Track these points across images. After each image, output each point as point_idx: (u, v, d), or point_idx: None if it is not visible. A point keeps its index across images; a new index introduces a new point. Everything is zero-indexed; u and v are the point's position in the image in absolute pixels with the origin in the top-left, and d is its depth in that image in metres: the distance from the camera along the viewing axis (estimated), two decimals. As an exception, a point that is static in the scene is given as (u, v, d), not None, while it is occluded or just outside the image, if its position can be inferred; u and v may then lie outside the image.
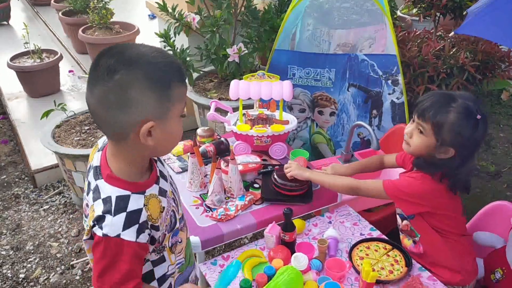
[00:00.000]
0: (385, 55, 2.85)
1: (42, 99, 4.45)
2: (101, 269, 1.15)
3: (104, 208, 1.12)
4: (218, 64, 3.36)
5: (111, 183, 1.16)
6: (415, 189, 1.70)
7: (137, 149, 1.15)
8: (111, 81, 1.05)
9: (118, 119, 1.08)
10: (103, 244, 1.12)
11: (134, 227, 1.13)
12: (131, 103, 1.07)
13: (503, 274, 1.87)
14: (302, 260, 1.70)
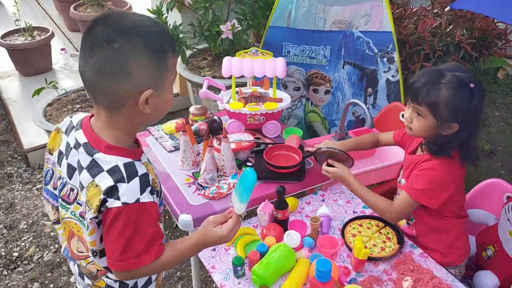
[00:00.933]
0: (381, 32, 2.82)
1: (34, 77, 4.40)
2: (125, 241, 1.13)
3: (114, 178, 1.10)
4: (211, 41, 3.31)
5: (112, 153, 1.14)
6: (441, 179, 1.66)
7: (133, 116, 1.15)
8: (109, 50, 1.05)
9: (117, 87, 1.08)
10: (124, 214, 1.10)
11: (149, 188, 1.14)
12: (131, 71, 1.07)
13: (494, 251, 1.88)
14: (295, 238, 1.70)
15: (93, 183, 1.12)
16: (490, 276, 1.84)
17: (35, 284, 2.53)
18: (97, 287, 1.33)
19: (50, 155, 1.30)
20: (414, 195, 1.68)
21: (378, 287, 1.59)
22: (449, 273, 1.66)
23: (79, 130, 1.19)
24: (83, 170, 1.15)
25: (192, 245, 1.28)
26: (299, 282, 1.57)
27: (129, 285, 1.33)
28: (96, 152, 1.14)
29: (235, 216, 1.30)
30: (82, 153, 1.16)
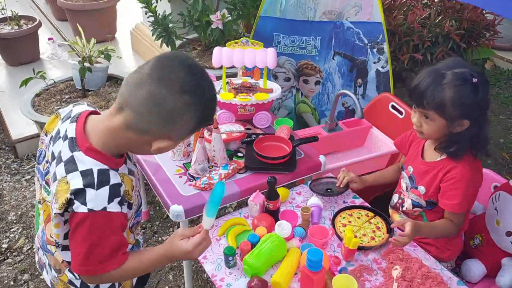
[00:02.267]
0: (371, 22, 2.82)
1: (22, 67, 4.34)
2: (88, 247, 1.13)
3: (84, 181, 1.10)
4: (201, 31, 3.29)
5: (91, 155, 1.14)
6: (474, 183, 1.67)
7: (140, 145, 1.17)
8: (179, 97, 1.10)
9: (156, 123, 1.12)
10: (89, 220, 1.10)
11: (117, 199, 1.13)
12: (178, 122, 1.13)
13: (482, 240, 1.92)
14: (286, 228, 1.72)
15: (65, 179, 1.13)
16: (477, 264, 1.87)
17: (25, 276, 2.52)
18: (61, 281, 1.35)
19: (45, 136, 1.30)
20: (460, 209, 1.68)
21: (368, 275, 1.62)
22: (437, 262, 1.68)
23: (73, 123, 1.19)
24: (61, 163, 1.15)
25: (156, 256, 1.27)
26: (290, 272, 1.58)
27: (90, 286, 1.34)
28: (77, 150, 1.14)
29: (204, 231, 1.27)
30: (65, 147, 1.17)
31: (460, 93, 1.53)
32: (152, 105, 1.10)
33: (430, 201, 1.76)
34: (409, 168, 1.84)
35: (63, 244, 1.24)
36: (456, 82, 1.53)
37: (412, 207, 1.82)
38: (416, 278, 1.57)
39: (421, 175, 1.78)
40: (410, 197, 1.82)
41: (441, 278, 1.58)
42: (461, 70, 1.56)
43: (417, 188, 1.79)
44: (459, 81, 1.53)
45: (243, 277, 1.61)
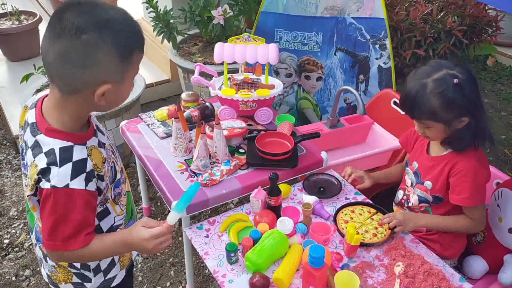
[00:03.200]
0: (373, 18, 2.81)
1: (22, 62, 4.33)
2: (52, 223, 1.16)
3: (48, 160, 1.13)
4: (202, 26, 3.28)
5: (51, 135, 1.16)
6: (481, 173, 1.68)
7: (86, 105, 1.17)
8: (78, 40, 1.06)
9: (77, 76, 1.10)
10: (52, 196, 1.13)
11: (82, 176, 1.15)
12: (94, 64, 1.09)
13: (484, 237, 1.92)
14: (288, 224, 1.71)
15: (34, 163, 1.16)
16: (479, 261, 1.87)
17: (27, 271, 2.52)
18: (60, 266, 1.37)
19: (22, 131, 1.31)
20: (474, 202, 1.68)
21: (370, 272, 1.61)
22: (440, 258, 1.68)
23: (33, 109, 1.22)
24: (29, 149, 1.18)
25: (117, 240, 1.28)
26: (292, 268, 1.58)
27: (90, 266, 1.37)
28: (38, 134, 1.17)
29: (166, 226, 1.26)
30: (28, 133, 1.20)
31: (445, 98, 1.56)
32: (63, 62, 1.09)
33: (437, 196, 1.76)
34: (414, 164, 1.84)
35: None
36: (438, 89, 1.56)
37: (418, 203, 1.82)
38: (419, 275, 1.57)
39: (426, 170, 1.78)
40: (416, 192, 1.82)
41: (443, 275, 1.57)
42: (440, 74, 1.58)
43: (423, 184, 1.79)
44: (441, 87, 1.56)
45: (245, 273, 1.61)
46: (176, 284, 2.44)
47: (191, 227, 1.82)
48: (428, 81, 1.58)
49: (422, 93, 1.58)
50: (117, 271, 1.45)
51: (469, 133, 1.63)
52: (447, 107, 1.57)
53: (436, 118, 1.60)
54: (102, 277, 1.41)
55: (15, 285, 2.46)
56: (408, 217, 1.76)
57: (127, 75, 1.17)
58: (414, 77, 1.64)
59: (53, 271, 1.39)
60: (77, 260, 1.31)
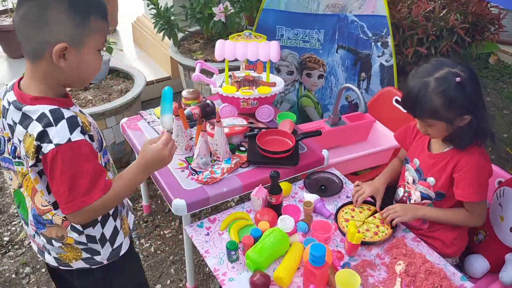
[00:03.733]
0: (375, 16, 2.80)
1: (23, 60, 4.24)
2: (68, 181, 1.17)
3: (42, 124, 1.15)
4: (203, 23, 3.27)
5: (37, 103, 1.19)
6: (483, 168, 1.68)
7: (53, 70, 1.19)
8: (33, 1, 1.13)
9: (35, 36, 1.15)
10: (59, 154, 1.15)
11: (78, 129, 1.18)
12: (48, 22, 1.14)
13: (485, 235, 1.91)
14: (289, 222, 1.71)
15: (27, 134, 1.18)
16: (480, 259, 1.86)
17: (27, 269, 2.52)
18: (67, 245, 1.37)
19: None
20: (478, 197, 1.68)
21: (371, 271, 1.61)
22: (441, 257, 1.67)
23: (10, 91, 1.25)
24: (17, 125, 1.20)
25: (135, 168, 1.32)
26: (293, 267, 1.58)
27: (96, 237, 1.38)
28: (23, 106, 1.19)
29: (166, 133, 1.35)
30: (12, 111, 1.22)
31: (447, 97, 1.55)
32: (23, 24, 1.15)
33: (439, 192, 1.76)
34: (415, 161, 1.83)
35: (52, 201, 1.28)
36: (440, 88, 1.55)
37: (421, 200, 1.81)
38: (420, 274, 1.56)
39: (428, 167, 1.78)
40: (418, 189, 1.82)
41: (444, 274, 1.57)
42: (442, 73, 1.57)
43: (426, 180, 1.78)
44: (443, 86, 1.55)
45: (246, 272, 1.60)
46: (177, 282, 2.43)
47: (191, 225, 1.82)
48: (430, 80, 1.58)
49: (424, 92, 1.58)
50: (121, 239, 1.46)
51: (471, 131, 1.63)
52: (449, 106, 1.56)
53: (438, 117, 1.59)
54: (109, 247, 1.42)
55: (15, 282, 2.46)
56: (406, 207, 1.77)
57: (85, 41, 1.19)
58: (416, 76, 1.63)
59: (61, 252, 1.38)
60: (105, 209, 1.30)
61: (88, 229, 1.35)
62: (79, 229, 1.34)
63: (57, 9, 1.13)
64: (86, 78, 1.27)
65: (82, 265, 1.41)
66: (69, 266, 1.42)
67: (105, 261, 1.43)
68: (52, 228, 1.35)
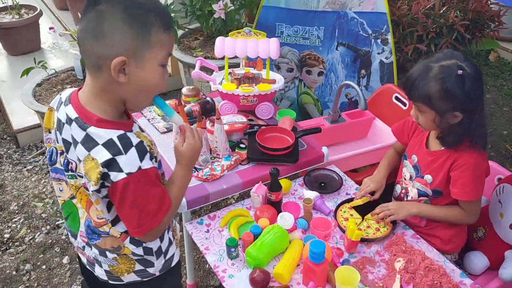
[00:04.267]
0: (375, 13, 2.79)
1: (22, 57, 4.33)
2: (139, 208, 1.17)
3: (111, 152, 1.12)
4: (203, 20, 3.27)
5: (104, 126, 1.15)
6: (480, 167, 1.67)
7: (112, 85, 1.14)
8: (93, 12, 1.09)
9: (94, 48, 1.10)
10: (131, 183, 1.13)
11: (147, 155, 1.16)
12: (107, 34, 1.09)
13: (485, 232, 1.91)
14: (288, 219, 1.71)
15: (90, 157, 1.14)
16: (480, 256, 1.87)
17: (27, 266, 2.53)
18: (123, 256, 1.34)
19: (50, 134, 1.29)
20: (473, 196, 1.68)
21: (370, 267, 1.61)
22: (440, 254, 1.68)
23: (68, 105, 1.20)
24: (78, 144, 1.16)
25: (183, 171, 1.34)
26: (293, 263, 1.58)
27: (153, 249, 1.36)
28: (88, 127, 1.15)
29: (185, 127, 1.34)
30: (75, 128, 1.17)
31: (444, 86, 1.54)
32: (84, 35, 1.11)
33: (436, 190, 1.76)
34: (413, 157, 1.83)
35: (111, 218, 1.26)
36: (441, 75, 1.55)
37: (417, 197, 1.82)
38: (419, 270, 1.56)
39: (426, 164, 1.78)
40: (415, 186, 1.82)
41: (444, 270, 1.57)
42: (449, 62, 1.57)
43: (423, 177, 1.78)
44: (444, 73, 1.55)
45: (245, 269, 1.61)
46: (177, 278, 2.44)
47: (191, 222, 1.82)
48: (434, 65, 1.58)
49: (424, 75, 1.58)
50: (173, 250, 1.45)
51: (461, 131, 1.62)
52: (444, 95, 1.55)
53: (431, 104, 1.59)
54: (163, 258, 1.40)
55: (15, 279, 2.46)
56: (401, 205, 1.77)
57: (146, 54, 1.12)
58: (425, 61, 1.63)
59: (114, 264, 1.35)
60: (169, 221, 1.33)
61: (147, 243, 1.34)
62: (139, 241, 1.32)
63: (114, 20, 1.08)
64: (146, 96, 1.21)
65: (133, 279, 1.38)
66: (120, 280, 1.38)
67: (157, 273, 1.41)
68: (107, 238, 1.31)
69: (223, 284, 1.57)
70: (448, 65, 1.56)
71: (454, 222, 1.79)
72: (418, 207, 1.79)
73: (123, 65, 1.10)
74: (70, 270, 2.50)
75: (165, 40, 1.15)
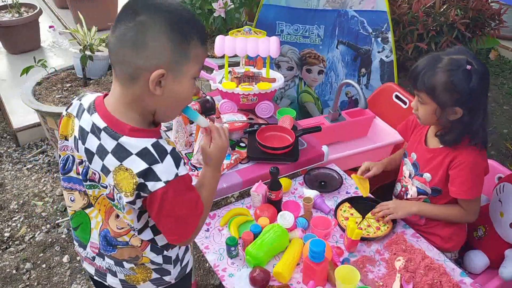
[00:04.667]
0: (376, 11, 2.79)
1: (22, 55, 4.32)
2: (177, 216, 1.16)
3: (147, 161, 1.10)
4: (203, 19, 3.26)
5: (137, 136, 1.13)
6: (479, 166, 1.67)
7: (146, 97, 1.12)
8: (132, 22, 1.07)
9: (132, 59, 1.08)
10: (170, 191, 1.12)
11: (181, 162, 1.15)
12: (147, 46, 1.07)
13: (485, 231, 1.91)
14: (288, 218, 1.71)
15: (122, 167, 1.11)
16: (480, 255, 1.86)
17: (27, 264, 2.53)
18: (140, 266, 1.32)
19: (66, 141, 1.26)
20: (471, 194, 1.68)
21: (370, 266, 1.61)
22: (441, 253, 1.68)
23: (94, 113, 1.16)
24: (108, 154, 1.13)
25: (212, 173, 1.32)
26: (293, 262, 1.58)
27: (172, 257, 1.34)
28: (120, 136, 1.12)
29: (210, 127, 1.31)
30: (105, 138, 1.14)
31: (451, 78, 1.54)
32: (120, 45, 1.09)
33: (435, 188, 1.75)
34: (412, 155, 1.83)
35: (140, 227, 1.23)
36: (449, 67, 1.55)
37: (417, 195, 1.81)
38: (419, 270, 1.56)
39: (425, 162, 1.77)
40: (415, 184, 1.82)
41: (444, 270, 1.57)
42: (459, 56, 1.57)
43: (422, 176, 1.78)
44: (452, 66, 1.55)
45: (245, 267, 1.61)
46: (177, 277, 2.44)
47: (191, 221, 1.82)
48: (444, 57, 1.58)
49: (432, 66, 1.58)
50: (189, 256, 1.44)
51: (459, 129, 1.62)
52: (448, 88, 1.55)
53: (433, 95, 1.58)
54: (179, 266, 1.39)
55: (15, 278, 2.46)
56: (400, 204, 1.77)
57: (184, 68, 1.12)
58: (435, 53, 1.63)
59: (131, 273, 1.33)
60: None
61: (167, 252, 1.32)
62: (160, 250, 1.30)
63: (157, 33, 1.06)
64: (177, 108, 1.20)
65: (148, 287, 1.36)
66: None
67: (173, 281, 1.39)
68: (124, 249, 1.29)
69: (223, 283, 1.57)
70: (458, 59, 1.56)
71: (454, 220, 1.79)
72: (418, 206, 1.78)
73: (161, 78, 1.09)
74: (70, 269, 2.50)
75: (201, 54, 1.15)
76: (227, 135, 1.33)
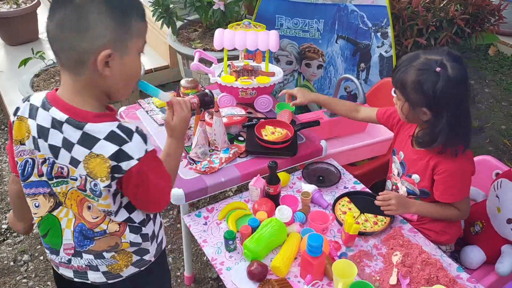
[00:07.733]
0: (375, 6, 2.78)
1: (20, 47, 4.29)
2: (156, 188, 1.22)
3: (116, 143, 1.12)
4: (202, 12, 3.25)
5: (102, 120, 1.14)
6: (465, 171, 1.67)
7: (97, 80, 1.13)
8: (70, 6, 1.06)
9: (76, 44, 1.08)
10: (144, 166, 1.16)
11: (148, 138, 1.19)
12: (89, 27, 1.06)
13: (482, 227, 1.92)
14: (286, 213, 1.71)
15: (92, 154, 1.12)
16: (477, 251, 1.87)
17: (25, 256, 2.53)
18: (121, 252, 1.31)
19: (23, 146, 1.23)
20: (457, 198, 1.70)
21: (368, 261, 1.62)
22: (437, 248, 1.68)
23: (51, 108, 1.15)
24: (75, 145, 1.12)
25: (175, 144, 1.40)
26: (290, 256, 1.58)
27: (148, 234, 1.34)
28: (84, 124, 1.12)
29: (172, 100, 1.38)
30: (68, 130, 1.13)
31: (418, 78, 1.55)
32: (61, 31, 1.08)
33: (423, 190, 1.76)
34: (400, 154, 1.83)
35: (116, 209, 1.23)
36: (420, 66, 1.56)
37: (407, 195, 1.82)
38: (416, 264, 1.57)
39: (411, 162, 1.78)
40: (404, 184, 1.82)
41: (440, 264, 1.58)
42: (434, 57, 1.55)
43: (410, 177, 1.78)
44: (423, 66, 1.56)
45: (243, 261, 1.61)
46: (174, 270, 2.45)
47: (189, 214, 1.82)
48: (421, 56, 1.58)
49: (409, 63, 1.59)
50: (162, 233, 1.45)
51: (429, 130, 1.62)
52: (415, 87, 1.56)
53: (404, 92, 1.61)
54: (155, 243, 1.39)
55: (13, 270, 2.47)
56: (402, 202, 1.73)
57: (129, 44, 1.13)
58: (421, 50, 1.65)
59: (113, 262, 1.31)
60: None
61: (145, 228, 1.32)
62: (139, 227, 1.30)
63: (97, 13, 1.06)
64: (129, 85, 1.21)
65: (132, 271, 1.35)
66: (119, 276, 1.34)
67: (153, 258, 1.39)
68: (102, 239, 1.27)
69: (221, 276, 1.58)
70: (431, 60, 1.55)
71: (450, 219, 1.80)
72: (417, 206, 1.76)
73: (108, 58, 1.09)
74: (68, 261, 2.51)
75: (142, 28, 1.16)
76: (189, 107, 1.42)
